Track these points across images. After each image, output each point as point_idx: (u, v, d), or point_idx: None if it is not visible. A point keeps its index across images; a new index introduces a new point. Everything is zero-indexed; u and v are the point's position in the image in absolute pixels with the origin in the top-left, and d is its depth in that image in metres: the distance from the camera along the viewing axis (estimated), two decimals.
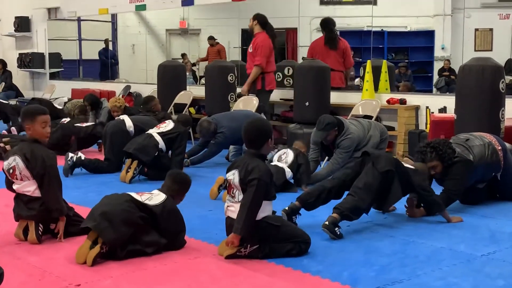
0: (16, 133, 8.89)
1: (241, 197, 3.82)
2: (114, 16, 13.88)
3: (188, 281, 3.52)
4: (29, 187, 4.19)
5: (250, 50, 8.28)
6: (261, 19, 8.32)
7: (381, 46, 12.97)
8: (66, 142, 7.73)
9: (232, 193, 3.91)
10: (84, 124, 8.11)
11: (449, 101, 7.18)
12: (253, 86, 8.30)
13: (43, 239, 4.20)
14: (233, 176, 3.88)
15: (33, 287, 3.41)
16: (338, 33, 8.97)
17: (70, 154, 6.58)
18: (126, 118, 7.10)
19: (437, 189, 5.00)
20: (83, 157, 6.65)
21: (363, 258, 3.92)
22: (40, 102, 9.06)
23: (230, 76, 8.82)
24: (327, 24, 8.82)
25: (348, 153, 5.97)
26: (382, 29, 12.85)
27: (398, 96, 7.97)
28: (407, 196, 4.87)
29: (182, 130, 6.57)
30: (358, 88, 8.77)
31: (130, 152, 6.38)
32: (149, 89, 10.73)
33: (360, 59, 11.41)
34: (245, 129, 4.00)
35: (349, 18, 12.96)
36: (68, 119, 8.34)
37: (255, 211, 3.77)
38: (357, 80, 9.71)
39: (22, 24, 13.74)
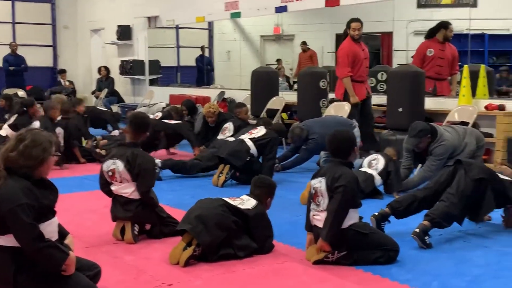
0: (117, 135, 9.29)
1: (326, 205, 3.84)
2: (210, 24, 14.22)
3: (276, 285, 3.58)
4: (127, 189, 4.40)
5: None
6: None
7: (481, 49, 12.51)
8: (156, 138, 8.00)
9: (317, 201, 3.93)
10: (172, 122, 8.39)
11: None
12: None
13: (138, 239, 4.40)
14: (320, 183, 3.90)
15: (129, 285, 3.58)
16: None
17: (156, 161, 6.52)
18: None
19: None
20: (160, 163, 6.73)
21: (454, 268, 3.83)
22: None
23: (322, 82, 8.81)
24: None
25: (441, 160, 5.82)
26: (482, 32, 12.38)
27: (497, 102, 7.68)
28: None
29: (274, 136, 6.64)
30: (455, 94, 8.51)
31: (223, 156, 6.54)
32: (243, 95, 10.90)
33: (460, 63, 11.06)
34: (329, 140, 4.06)
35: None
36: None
37: (342, 217, 3.79)
38: None
39: (124, 33, 14.32)
